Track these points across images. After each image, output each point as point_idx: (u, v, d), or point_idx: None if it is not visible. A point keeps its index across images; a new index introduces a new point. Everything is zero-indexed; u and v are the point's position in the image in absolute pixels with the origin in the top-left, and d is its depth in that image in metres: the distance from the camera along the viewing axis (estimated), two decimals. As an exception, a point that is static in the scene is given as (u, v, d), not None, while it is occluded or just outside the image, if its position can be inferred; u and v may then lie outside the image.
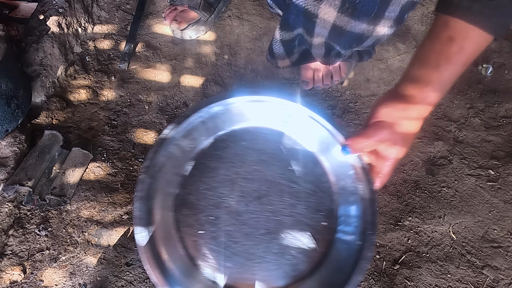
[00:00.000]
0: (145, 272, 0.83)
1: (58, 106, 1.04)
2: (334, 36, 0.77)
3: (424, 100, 0.59)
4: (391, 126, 0.60)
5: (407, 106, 0.60)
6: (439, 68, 0.58)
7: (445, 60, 0.57)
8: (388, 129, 0.60)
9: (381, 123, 0.61)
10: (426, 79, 0.59)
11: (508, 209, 0.92)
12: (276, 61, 0.97)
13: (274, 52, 0.93)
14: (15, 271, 0.81)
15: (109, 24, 1.24)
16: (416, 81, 0.60)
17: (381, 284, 0.83)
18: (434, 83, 0.59)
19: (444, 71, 0.58)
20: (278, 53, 0.93)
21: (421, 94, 0.59)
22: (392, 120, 0.60)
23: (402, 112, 0.60)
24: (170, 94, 1.11)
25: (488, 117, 1.08)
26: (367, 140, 0.61)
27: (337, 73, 1.12)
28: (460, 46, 0.56)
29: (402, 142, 0.60)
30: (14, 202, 0.87)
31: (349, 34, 0.73)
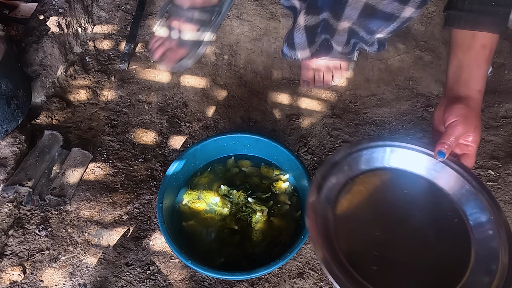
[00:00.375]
0: (145, 272, 0.83)
1: (58, 106, 1.04)
2: (363, 18, 0.77)
3: (477, 94, 0.77)
4: (463, 121, 0.76)
5: (468, 102, 0.77)
6: (480, 68, 0.77)
7: (484, 62, 0.77)
8: (462, 124, 0.76)
9: (455, 122, 0.76)
10: (474, 79, 0.77)
11: (508, 209, 0.92)
12: (296, 52, 0.96)
13: (294, 42, 0.91)
14: (15, 271, 0.81)
15: (109, 24, 1.24)
16: (468, 82, 0.78)
17: (381, 284, 0.83)
18: (480, 80, 0.77)
19: (484, 70, 0.77)
20: (300, 42, 0.91)
21: (474, 90, 0.77)
22: (462, 116, 0.76)
23: (466, 108, 0.76)
24: (170, 94, 1.11)
25: (488, 117, 1.08)
26: (451, 137, 0.76)
27: (338, 73, 1.12)
28: (491, 49, 0.76)
29: (475, 130, 0.76)
30: (14, 202, 0.87)
31: (380, 15, 0.75)
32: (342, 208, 0.72)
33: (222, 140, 0.92)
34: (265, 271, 0.75)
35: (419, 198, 0.77)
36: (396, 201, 0.75)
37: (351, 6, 0.76)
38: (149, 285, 0.81)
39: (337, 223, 0.70)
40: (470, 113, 0.76)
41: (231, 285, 0.82)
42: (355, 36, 0.85)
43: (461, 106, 0.76)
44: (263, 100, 1.11)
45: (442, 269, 0.67)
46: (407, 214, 0.73)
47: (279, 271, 0.84)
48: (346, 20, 0.80)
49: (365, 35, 0.85)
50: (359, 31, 0.84)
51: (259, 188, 0.90)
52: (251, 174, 0.93)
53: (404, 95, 1.13)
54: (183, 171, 0.90)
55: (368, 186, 0.76)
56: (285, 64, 1.18)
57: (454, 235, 0.71)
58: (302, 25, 0.88)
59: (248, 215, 0.85)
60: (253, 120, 1.07)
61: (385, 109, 1.10)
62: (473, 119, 0.76)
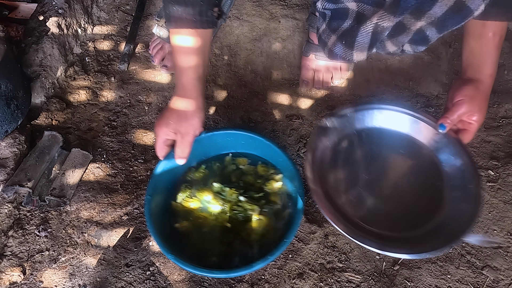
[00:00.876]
0: (144, 273, 0.83)
1: (58, 107, 1.04)
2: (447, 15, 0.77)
3: (488, 78, 0.84)
4: (469, 101, 0.83)
5: (477, 85, 0.83)
6: (492, 54, 0.83)
7: (495, 48, 0.83)
8: (467, 103, 0.83)
9: (461, 100, 0.83)
10: (485, 64, 0.84)
11: (507, 209, 0.92)
12: (352, 52, 0.93)
13: (356, 41, 0.88)
14: (14, 272, 0.81)
15: (108, 25, 1.24)
16: (479, 67, 0.84)
17: (381, 285, 0.83)
18: (491, 65, 0.84)
19: (495, 56, 0.84)
20: (362, 43, 0.88)
21: (485, 75, 0.84)
22: (468, 97, 0.83)
23: (474, 90, 0.83)
24: (169, 95, 1.11)
25: (488, 118, 1.08)
26: (454, 114, 0.84)
27: (337, 74, 1.12)
28: (500, 36, 0.82)
29: (479, 111, 0.83)
30: (13, 203, 0.87)
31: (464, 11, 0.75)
32: (336, 163, 0.89)
33: (217, 136, 0.91)
34: (244, 271, 0.75)
35: (402, 150, 0.93)
36: (383, 152, 0.93)
37: (442, 2, 0.75)
38: (149, 286, 0.81)
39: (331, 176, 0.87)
40: (477, 95, 0.83)
41: (230, 286, 0.82)
42: (418, 35, 0.84)
43: (470, 87, 0.84)
44: (263, 100, 1.11)
45: (424, 203, 0.85)
46: (392, 162, 0.92)
47: (279, 271, 0.84)
48: (425, 19, 0.79)
49: (432, 34, 0.83)
50: (427, 30, 0.83)
51: (253, 187, 0.89)
52: (247, 172, 0.92)
53: (404, 96, 1.13)
54: (176, 166, 0.87)
55: (358, 142, 0.93)
56: (284, 65, 1.18)
57: (431, 176, 0.89)
58: (371, 26, 0.85)
59: (239, 214, 0.84)
60: (253, 120, 1.07)
61: (385, 110, 1.10)
62: (479, 101, 0.83)
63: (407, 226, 0.82)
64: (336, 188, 0.85)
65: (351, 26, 0.88)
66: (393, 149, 0.93)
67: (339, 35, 0.92)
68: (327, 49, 0.99)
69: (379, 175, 0.90)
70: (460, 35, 1.20)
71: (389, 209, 0.84)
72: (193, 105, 0.82)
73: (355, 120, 0.94)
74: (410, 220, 0.83)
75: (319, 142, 0.89)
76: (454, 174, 0.87)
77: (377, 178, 0.89)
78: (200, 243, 0.83)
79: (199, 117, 0.83)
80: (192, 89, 0.82)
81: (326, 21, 0.95)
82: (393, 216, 0.83)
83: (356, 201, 0.84)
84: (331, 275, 0.84)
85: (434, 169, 0.90)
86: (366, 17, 0.85)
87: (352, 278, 0.84)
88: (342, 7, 0.89)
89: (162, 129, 0.82)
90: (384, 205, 0.85)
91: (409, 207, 0.85)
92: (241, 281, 0.82)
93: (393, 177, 0.90)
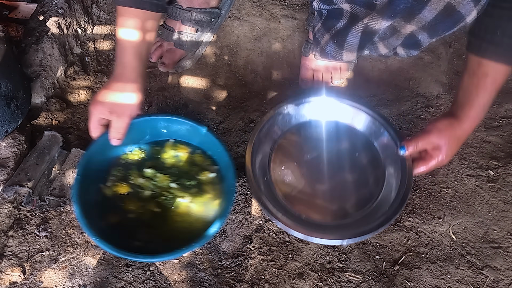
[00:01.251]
0: (144, 273, 0.83)
1: (58, 107, 1.04)
2: (437, 20, 0.77)
3: (467, 119, 0.81)
4: (437, 133, 0.81)
5: (452, 121, 0.81)
6: (478, 96, 0.79)
7: (483, 90, 0.78)
8: (434, 135, 0.81)
9: (429, 130, 0.82)
10: (469, 104, 0.80)
11: (508, 209, 0.93)
12: (342, 52, 0.94)
13: (346, 41, 0.89)
14: (14, 272, 0.81)
15: (108, 25, 1.24)
16: (463, 106, 0.81)
17: (381, 285, 0.83)
18: (475, 107, 0.80)
19: (482, 98, 0.79)
20: (352, 43, 0.89)
21: (465, 115, 0.81)
22: (437, 129, 0.82)
23: (447, 125, 0.81)
24: (169, 95, 1.11)
25: (488, 118, 1.08)
26: (419, 142, 0.84)
27: (337, 74, 1.12)
28: (493, 78, 0.77)
29: (445, 148, 0.81)
30: (13, 203, 0.87)
31: (455, 16, 0.75)
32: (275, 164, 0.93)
33: (156, 121, 0.91)
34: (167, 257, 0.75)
35: (340, 138, 0.98)
36: (321, 144, 0.97)
37: (432, 6, 0.74)
38: (148, 286, 0.81)
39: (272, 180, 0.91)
40: (447, 131, 0.81)
41: (230, 286, 0.82)
42: (410, 39, 0.84)
43: (444, 121, 0.82)
44: (263, 100, 1.11)
45: (364, 187, 0.91)
46: (331, 152, 0.96)
47: (279, 271, 0.84)
48: (416, 23, 0.79)
49: (424, 39, 0.83)
50: (419, 34, 0.82)
51: (187, 175, 0.90)
52: (183, 159, 0.93)
53: (404, 96, 1.13)
54: (109, 148, 0.86)
55: (295, 138, 0.97)
56: (284, 65, 1.18)
57: (369, 162, 0.94)
58: (361, 27, 0.85)
59: (168, 200, 0.85)
60: (253, 120, 1.07)
61: (385, 110, 1.10)
62: (447, 137, 0.81)
63: (342, 213, 0.88)
64: (275, 178, 0.90)
65: (344, 26, 0.88)
66: (333, 140, 0.97)
67: (332, 35, 0.92)
68: (319, 48, 1.00)
69: (318, 165, 0.94)
70: (460, 35, 1.20)
71: (328, 197, 0.90)
72: (131, 86, 0.81)
73: (294, 114, 0.98)
74: (347, 205, 0.89)
75: (259, 135, 0.92)
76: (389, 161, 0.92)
77: (316, 168, 0.93)
78: (128, 227, 0.83)
79: (136, 98, 0.82)
80: (131, 70, 0.81)
81: (322, 20, 0.95)
82: (330, 203, 0.89)
83: (292, 190, 0.90)
84: (331, 275, 0.84)
85: (372, 156, 0.95)
86: (359, 18, 0.85)
87: (352, 278, 0.84)
88: (336, 8, 0.89)
89: (97, 108, 0.80)
90: (321, 192, 0.90)
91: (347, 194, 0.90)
92: (241, 281, 0.82)
93: (332, 167, 0.94)
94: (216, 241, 0.87)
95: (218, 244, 0.87)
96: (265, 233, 0.89)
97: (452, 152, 0.82)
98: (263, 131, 0.93)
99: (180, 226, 0.83)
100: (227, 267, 0.85)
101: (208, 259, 0.85)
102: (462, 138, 0.83)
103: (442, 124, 0.82)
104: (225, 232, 0.88)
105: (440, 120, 0.83)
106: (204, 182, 0.89)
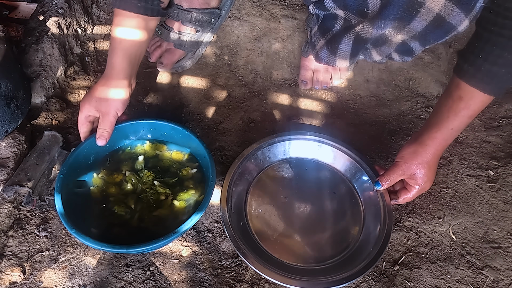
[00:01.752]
0: (144, 273, 0.83)
1: (58, 107, 1.04)
2: (428, 30, 0.76)
3: (431, 141, 0.78)
4: (405, 163, 0.80)
5: (417, 148, 0.80)
6: (448, 119, 0.76)
7: (454, 113, 0.75)
8: (404, 165, 0.80)
9: (400, 162, 0.81)
10: (437, 126, 0.78)
11: (507, 209, 0.93)
12: (335, 59, 0.94)
13: (339, 48, 0.89)
14: (14, 272, 0.81)
15: (109, 25, 1.24)
16: (430, 127, 0.79)
17: (381, 285, 0.83)
18: (442, 130, 0.77)
19: (451, 121, 0.76)
20: (344, 50, 0.90)
21: (430, 137, 0.78)
22: (406, 159, 0.81)
23: (413, 153, 0.80)
24: (169, 95, 1.11)
25: (488, 118, 1.08)
26: (391, 175, 0.83)
27: (337, 74, 1.12)
28: (466, 103, 0.73)
29: (421, 175, 0.80)
30: (13, 203, 0.87)
31: (445, 26, 0.74)
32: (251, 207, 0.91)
33: (139, 125, 0.95)
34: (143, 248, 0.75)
35: (316, 177, 0.96)
36: (297, 183, 0.95)
37: (421, 17, 0.74)
38: (148, 286, 0.81)
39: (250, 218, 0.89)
40: (414, 160, 0.80)
41: (230, 286, 0.82)
42: (403, 47, 0.84)
43: (408, 150, 0.81)
44: (263, 100, 1.11)
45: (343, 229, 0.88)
46: (308, 192, 0.93)
47: (279, 271, 0.84)
48: (406, 32, 0.78)
49: (416, 47, 0.83)
50: (411, 43, 0.82)
51: (168, 173, 0.92)
52: (164, 157, 0.95)
53: (403, 96, 1.13)
54: (96, 150, 0.91)
55: (272, 178, 0.95)
56: (284, 65, 1.18)
57: (348, 200, 0.92)
58: (353, 36, 0.84)
59: (150, 197, 0.87)
60: (253, 120, 1.07)
61: (385, 110, 1.10)
62: (415, 166, 0.80)
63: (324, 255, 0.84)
64: (252, 223, 0.88)
65: (338, 32, 0.89)
66: (310, 178, 0.95)
67: (327, 40, 0.93)
68: (315, 52, 1.01)
69: (295, 207, 0.91)
70: (460, 35, 1.20)
71: (305, 240, 0.86)
72: (117, 86, 0.83)
73: (269, 154, 0.96)
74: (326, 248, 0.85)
75: (233, 177, 0.90)
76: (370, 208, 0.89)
77: (293, 210, 0.90)
78: (107, 220, 0.84)
79: (121, 98, 0.84)
80: (120, 71, 0.83)
81: (318, 23, 0.96)
82: (308, 247, 0.85)
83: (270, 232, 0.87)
84: (331, 275, 0.84)
85: (350, 195, 0.93)
86: (351, 26, 0.86)
87: (352, 278, 0.84)
88: (331, 13, 0.90)
89: (85, 105, 0.84)
90: (298, 236, 0.87)
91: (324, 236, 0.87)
92: (241, 281, 0.82)
93: (310, 207, 0.91)
94: (216, 241, 0.87)
95: (218, 244, 0.87)
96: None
97: (429, 176, 0.81)
98: (238, 172, 0.91)
99: (161, 219, 0.85)
100: (227, 267, 0.85)
101: (208, 259, 0.85)
102: (432, 162, 0.80)
103: (407, 153, 0.81)
104: (225, 232, 0.88)
105: (404, 149, 0.82)
106: (186, 178, 0.91)
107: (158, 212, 0.86)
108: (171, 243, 0.86)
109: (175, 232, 0.76)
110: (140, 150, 0.96)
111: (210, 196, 0.82)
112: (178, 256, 0.85)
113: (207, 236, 0.88)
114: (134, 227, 0.84)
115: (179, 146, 0.96)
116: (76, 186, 0.88)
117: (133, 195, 0.88)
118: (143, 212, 0.86)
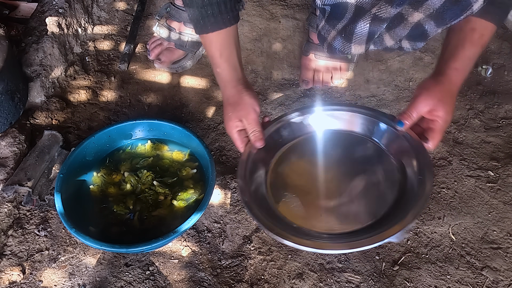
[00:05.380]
0: (144, 272, 0.83)
1: (58, 107, 1.04)
2: (445, 7, 0.76)
3: (452, 71, 0.78)
4: (428, 93, 0.78)
5: (438, 78, 0.79)
6: (464, 47, 0.77)
7: (469, 42, 0.77)
8: (426, 95, 0.78)
9: (421, 92, 0.79)
10: (454, 57, 0.78)
11: (507, 210, 0.92)
12: (350, 45, 0.93)
13: (354, 33, 0.87)
14: (14, 271, 0.81)
15: (109, 25, 1.24)
16: (447, 60, 0.79)
17: (381, 285, 0.83)
18: (461, 59, 0.78)
19: (467, 50, 0.77)
20: (361, 34, 0.86)
21: (450, 68, 0.78)
22: (425, 89, 0.78)
23: (433, 82, 0.78)
24: (170, 95, 1.11)
25: (488, 118, 1.08)
26: (412, 109, 0.79)
27: (337, 74, 1.12)
28: (480, 33, 0.76)
29: (440, 105, 0.77)
30: (13, 203, 0.87)
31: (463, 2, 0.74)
32: None
33: (139, 125, 0.96)
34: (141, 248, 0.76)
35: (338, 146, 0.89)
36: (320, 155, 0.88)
37: None
38: (148, 286, 0.81)
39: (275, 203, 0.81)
40: (435, 87, 0.78)
41: (230, 286, 0.82)
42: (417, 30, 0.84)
43: (429, 81, 0.79)
44: (263, 100, 1.11)
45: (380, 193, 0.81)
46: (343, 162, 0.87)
47: (278, 271, 0.84)
48: (424, 10, 0.78)
49: (431, 28, 0.82)
50: (425, 23, 0.82)
51: (167, 173, 0.92)
52: (164, 157, 0.95)
53: (404, 96, 1.13)
54: (96, 149, 0.92)
55: (300, 150, 0.89)
56: (285, 65, 1.18)
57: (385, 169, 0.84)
58: (370, 18, 0.83)
59: (149, 197, 0.87)
60: (253, 120, 1.07)
61: (385, 110, 1.10)
62: (438, 93, 0.78)
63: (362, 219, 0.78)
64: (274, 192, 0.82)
65: (350, 20, 0.88)
66: (342, 149, 0.89)
67: (339, 30, 0.92)
68: (326, 44, 0.99)
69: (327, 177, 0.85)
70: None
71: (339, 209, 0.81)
72: (238, 90, 0.83)
73: (296, 127, 0.90)
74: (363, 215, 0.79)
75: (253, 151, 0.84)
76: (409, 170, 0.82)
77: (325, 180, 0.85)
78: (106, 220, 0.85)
79: (248, 94, 0.83)
80: (232, 80, 0.84)
81: (325, 17, 0.95)
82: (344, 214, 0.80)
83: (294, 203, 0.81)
84: (330, 275, 0.84)
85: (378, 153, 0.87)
86: (365, 10, 0.85)
87: (352, 279, 0.84)
88: (341, 2, 0.89)
89: (228, 124, 0.83)
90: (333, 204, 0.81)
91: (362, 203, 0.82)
92: (241, 281, 0.82)
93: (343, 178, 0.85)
94: (216, 241, 0.87)
95: (217, 244, 0.87)
96: (265, 233, 0.89)
97: (450, 107, 0.79)
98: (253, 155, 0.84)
99: (161, 220, 0.85)
100: (227, 267, 0.85)
101: (207, 259, 0.85)
102: (453, 91, 0.79)
103: (428, 84, 0.79)
104: (224, 232, 0.88)
105: (425, 81, 0.80)
106: (186, 178, 0.91)
107: (157, 212, 0.86)
108: (170, 243, 0.86)
109: (174, 232, 0.76)
110: (141, 150, 0.96)
111: (210, 196, 0.82)
112: (178, 256, 0.85)
113: (207, 236, 0.88)
114: (134, 226, 0.84)
115: (179, 146, 0.97)
116: (76, 186, 0.88)
117: (132, 195, 0.88)
118: (143, 212, 0.86)
